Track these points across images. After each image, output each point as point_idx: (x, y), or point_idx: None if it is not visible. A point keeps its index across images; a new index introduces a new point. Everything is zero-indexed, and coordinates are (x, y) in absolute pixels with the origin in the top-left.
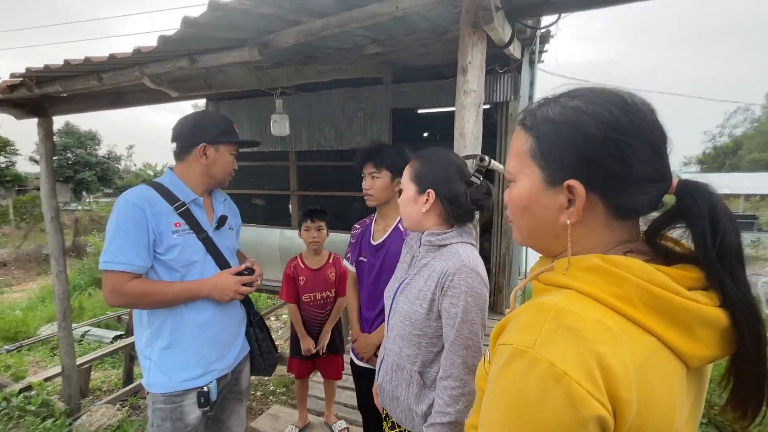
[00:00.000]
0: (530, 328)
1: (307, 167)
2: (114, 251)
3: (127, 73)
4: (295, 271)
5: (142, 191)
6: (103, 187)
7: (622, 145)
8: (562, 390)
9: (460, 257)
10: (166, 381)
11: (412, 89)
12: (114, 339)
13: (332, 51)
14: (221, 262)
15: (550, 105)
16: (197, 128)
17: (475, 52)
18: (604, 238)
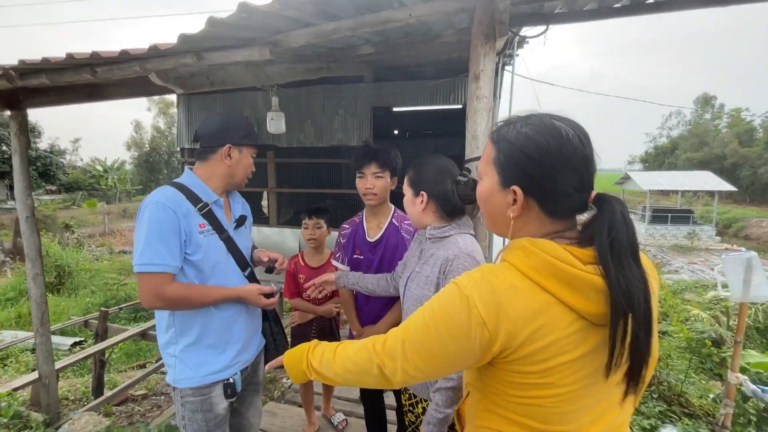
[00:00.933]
0: (469, 276)
1: (283, 164)
2: (151, 253)
3: (124, 68)
4: (295, 268)
5: (170, 192)
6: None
7: (551, 169)
8: (469, 311)
9: (459, 245)
10: (193, 375)
11: (393, 88)
12: (72, 346)
13: (325, 50)
14: (242, 261)
15: (509, 127)
16: (223, 129)
17: (487, 60)
18: (539, 230)
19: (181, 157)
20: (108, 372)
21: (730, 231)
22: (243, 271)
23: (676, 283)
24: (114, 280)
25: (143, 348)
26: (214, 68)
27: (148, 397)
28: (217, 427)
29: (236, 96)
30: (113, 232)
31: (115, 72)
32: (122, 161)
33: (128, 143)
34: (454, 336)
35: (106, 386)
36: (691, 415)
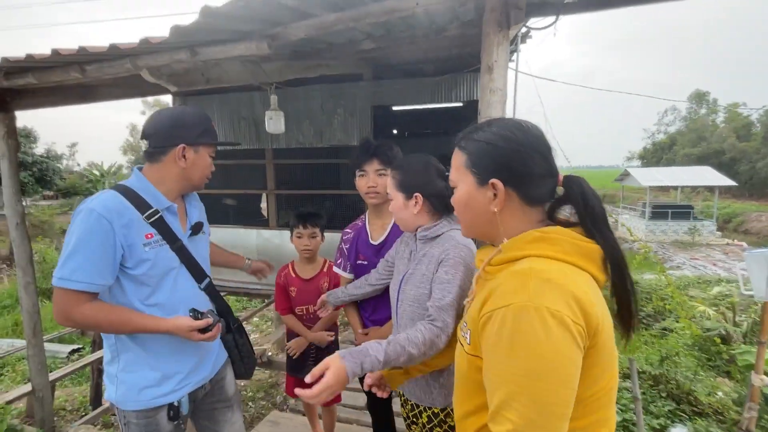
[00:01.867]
0: (521, 289)
1: (282, 165)
2: (71, 267)
3: (115, 65)
4: (285, 281)
5: (110, 199)
6: (41, 189)
7: (521, 154)
8: (558, 322)
9: (454, 238)
10: (136, 398)
11: (393, 86)
12: (70, 353)
13: (324, 46)
14: (197, 271)
15: (474, 132)
16: (176, 127)
17: (500, 51)
18: (523, 221)
19: None
20: None
21: (730, 226)
22: (199, 283)
23: (679, 279)
24: None
25: None
26: (210, 64)
27: None
28: None
29: (232, 96)
30: None
31: (106, 70)
32: (119, 165)
33: (124, 147)
34: (566, 363)
35: (104, 395)
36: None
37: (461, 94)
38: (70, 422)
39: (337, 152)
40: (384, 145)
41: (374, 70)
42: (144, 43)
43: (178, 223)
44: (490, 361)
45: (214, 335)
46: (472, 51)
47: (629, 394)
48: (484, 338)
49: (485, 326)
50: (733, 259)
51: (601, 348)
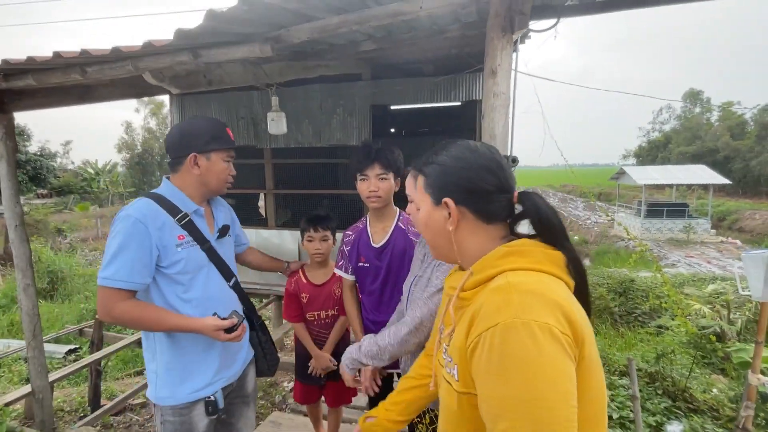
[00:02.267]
0: (505, 306)
1: (281, 165)
2: (115, 268)
3: (117, 67)
4: (297, 287)
5: (144, 205)
6: (35, 188)
7: (469, 172)
8: (548, 335)
9: None
10: (173, 394)
11: (392, 86)
12: (67, 354)
13: (325, 47)
14: (225, 271)
15: (434, 155)
16: (184, 137)
17: (504, 55)
18: (484, 238)
19: None
20: (104, 380)
21: (725, 224)
22: (227, 281)
23: (674, 276)
24: None
25: (140, 354)
26: (211, 66)
27: (147, 406)
28: None
29: (231, 96)
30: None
31: (107, 72)
32: (114, 163)
33: (119, 145)
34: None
35: (102, 395)
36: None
37: (460, 95)
38: (68, 423)
39: (335, 152)
40: (385, 149)
41: (373, 70)
42: (147, 46)
43: (206, 226)
44: (484, 390)
45: (240, 335)
46: (472, 51)
47: (625, 391)
48: (474, 367)
49: (473, 353)
50: (728, 257)
51: (589, 360)
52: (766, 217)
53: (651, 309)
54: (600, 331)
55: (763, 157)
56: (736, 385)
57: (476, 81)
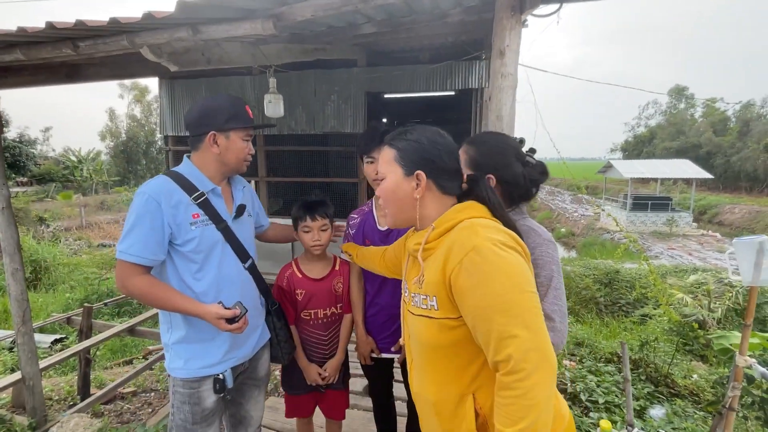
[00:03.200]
0: (474, 235)
1: (273, 152)
2: (128, 243)
3: (111, 42)
4: (290, 284)
5: (160, 183)
6: (15, 175)
7: (440, 150)
8: (509, 247)
9: (537, 232)
10: (182, 367)
11: (388, 73)
12: (53, 343)
13: (324, 28)
14: (241, 251)
15: (406, 134)
16: (204, 116)
17: (513, 35)
18: (441, 206)
19: (164, 144)
20: (93, 369)
21: (705, 217)
22: (243, 263)
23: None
24: (95, 274)
25: (129, 344)
26: (210, 44)
27: (138, 394)
28: (203, 420)
29: (223, 81)
30: (91, 225)
31: (100, 47)
32: (97, 151)
33: (103, 133)
34: (529, 275)
35: (92, 384)
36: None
37: (456, 83)
38: (58, 412)
39: (328, 139)
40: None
41: (369, 56)
42: (148, 17)
43: (224, 205)
44: (476, 301)
45: (241, 327)
46: (468, 39)
47: (611, 377)
48: (460, 288)
49: (458, 278)
50: (708, 249)
51: None
52: (744, 212)
53: (635, 299)
54: (585, 320)
55: (744, 153)
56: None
57: (473, 69)
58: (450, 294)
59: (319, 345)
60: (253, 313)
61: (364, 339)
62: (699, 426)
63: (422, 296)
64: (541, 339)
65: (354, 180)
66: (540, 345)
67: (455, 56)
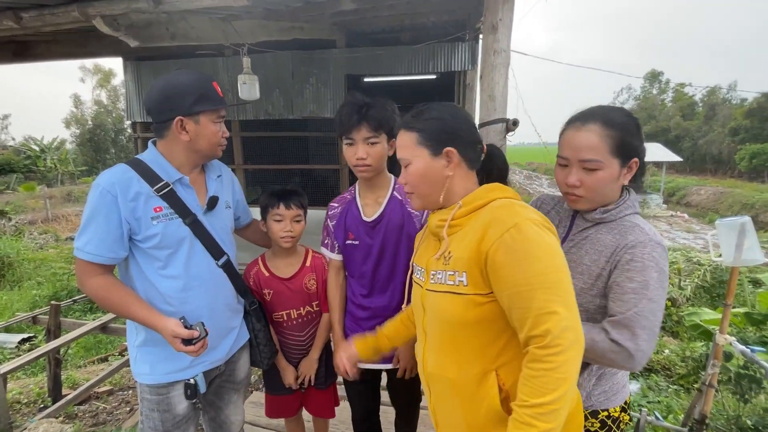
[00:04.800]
0: (514, 214)
1: (249, 138)
2: (85, 239)
3: (60, 13)
4: (257, 282)
5: (117, 173)
6: None
7: (465, 126)
8: (544, 228)
9: (643, 230)
10: (150, 372)
11: (369, 54)
12: (20, 343)
13: (301, 4)
14: (213, 247)
15: (422, 114)
16: (167, 99)
17: (505, 9)
18: (469, 183)
19: (133, 132)
20: (65, 369)
21: (674, 198)
22: (217, 260)
23: None
24: (63, 269)
25: (103, 341)
26: (175, 18)
27: (114, 393)
28: (175, 427)
29: (194, 62)
30: (58, 217)
31: (47, 18)
32: (62, 140)
33: (68, 120)
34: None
35: (64, 385)
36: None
37: (439, 65)
38: (27, 416)
39: (306, 124)
40: (375, 105)
41: (348, 37)
42: None
43: (195, 197)
44: (517, 277)
45: (196, 350)
46: (450, 19)
47: None
48: (500, 265)
49: (497, 254)
50: (677, 230)
51: None
52: (710, 193)
53: None
54: None
55: (709, 136)
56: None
57: (456, 51)
58: (484, 270)
59: (297, 347)
60: (227, 314)
61: (341, 344)
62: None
63: (449, 272)
64: (577, 319)
65: (335, 166)
66: (576, 325)
67: (437, 38)
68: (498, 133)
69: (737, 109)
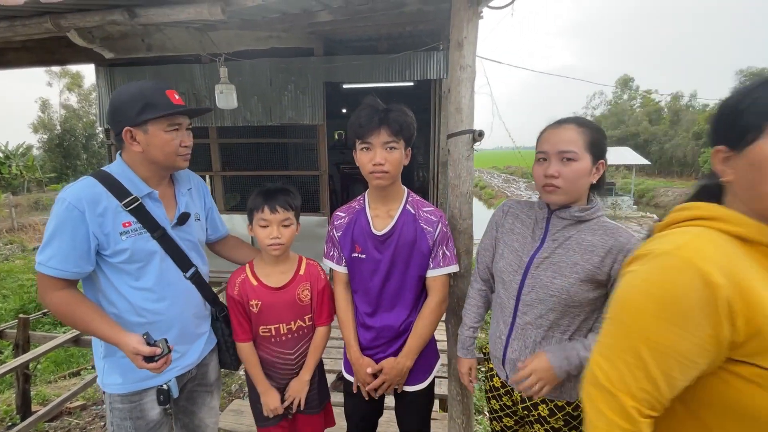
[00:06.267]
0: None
1: (227, 145)
2: (48, 254)
3: (32, 24)
4: (242, 293)
5: (85, 187)
6: None
7: None
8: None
9: (627, 231)
10: (121, 381)
11: (347, 62)
12: None
13: (277, 15)
14: (181, 259)
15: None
16: (115, 111)
17: (470, 27)
18: None
19: (106, 138)
20: (34, 385)
21: (644, 200)
22: (184, 272)
23: None
24: (31, 281)
25: (75, 354)
26: (151, 30)
27: (87, 408)
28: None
29: (170, 69)
30: (25, 226)
31: (19, 29)
32: (28, 146)
33: (35, 125)
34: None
35: (34, 401)
36: None
37: (415, 73)
38: None
39: (285, 131)
40: (396, 110)
41: (326, 45)
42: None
43: (163, 211)
44: None
45: (158, 367)
46: (426, 29)
47: None
48: None
49: None
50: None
51: None
52: (677, 194)
53: None
54: None
55: (675, 141)
56: None
57: (431, 60)
58: None
59: (285, 367)
60: (196, 322)
61: (360, 361)
62: None
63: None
64: None
65: (315, 173)
66: None
67: (414, 46)
68: (465, 143)
69: (700, 115)
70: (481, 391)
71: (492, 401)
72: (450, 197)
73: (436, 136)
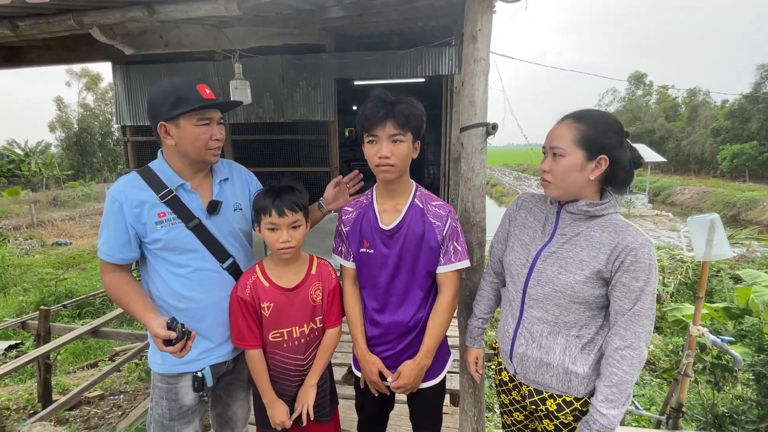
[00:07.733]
0: None
1: (240, 142)
2: (101, 241)
3: (56, 22)
4: (254, 295)
5: (126, 181)
6: None
7: None
8: None
9: (638, 230)
10: (161, 361)
11: (358, 59)
12: (7, 350)
13: (291, 11)
14: (217, 250)
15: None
16: (150, 107)
17: (484, 20)
18: None
19: (122, 135)
20: (54, 375)
21: (659, 198)
22: (221, 262)
23: None
24: (50, 275)
25: (93, 346)
26: (169, 26)
27: (105, 398)
28: (180, 417)
29: (184, 66)
30: (44, 222)
31: (43, 27)
32: (47, 144)
33: (53, 123)
34: None
35: (54, 390)
36: None
37: (426, 69)
38: (17, 422)
39: (296, 128)
40: (403, 102)
41: (337, 42)
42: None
43: (199, 202)
44: None
45: (175, 351)
46: (438, 24)
47: None
48: None
49: None
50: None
51: None
52: (693, 192)
53: None
54: None
55: (692, 137)
56: (669, 340)
57: (443, 55)
58: None
59: (296, 372)
60: None
61: (367, 358)
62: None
63: None
64: None
65: (326, 169)
66: None
67: (425, 42)
68: (479, 136)
69: (719, 111)
70: (491, 387)
71: (501, 395)
72: (463, 190)
73: (448, 131)
